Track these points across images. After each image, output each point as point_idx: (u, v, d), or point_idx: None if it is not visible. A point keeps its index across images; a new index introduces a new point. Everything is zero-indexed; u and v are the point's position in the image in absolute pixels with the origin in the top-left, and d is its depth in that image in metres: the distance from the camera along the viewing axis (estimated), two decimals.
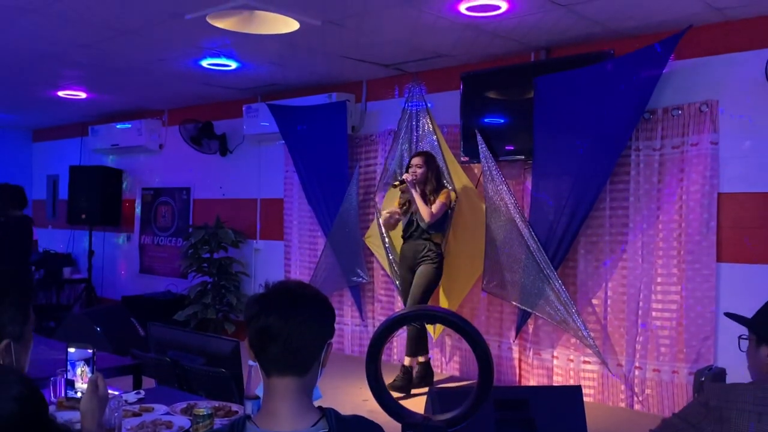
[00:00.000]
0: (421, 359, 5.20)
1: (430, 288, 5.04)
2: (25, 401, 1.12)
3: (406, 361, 5.11)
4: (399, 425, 2.87)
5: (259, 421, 1.47)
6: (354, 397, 4.81)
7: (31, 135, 10.29)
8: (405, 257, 5.19)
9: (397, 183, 5.20)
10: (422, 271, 5.02)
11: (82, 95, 7.33)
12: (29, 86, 6.90)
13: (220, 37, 4.89)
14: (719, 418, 1.89)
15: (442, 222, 5.10)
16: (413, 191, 4.99)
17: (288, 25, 4.50)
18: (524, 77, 5.03)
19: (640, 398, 4.67)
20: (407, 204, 5.16)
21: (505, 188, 4.91)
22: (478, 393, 2.82)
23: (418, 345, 5.14)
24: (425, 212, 4.94)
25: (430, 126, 5.44)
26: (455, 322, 2.99)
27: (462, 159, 5.39)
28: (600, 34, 4.72)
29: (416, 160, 5.09)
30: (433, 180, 5.04)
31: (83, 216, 8.34)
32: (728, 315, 2.14)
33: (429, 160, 5.09)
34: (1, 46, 5.27)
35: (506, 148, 5.18)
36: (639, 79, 4.46)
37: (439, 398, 3.21)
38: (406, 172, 5.08)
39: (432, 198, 5.01)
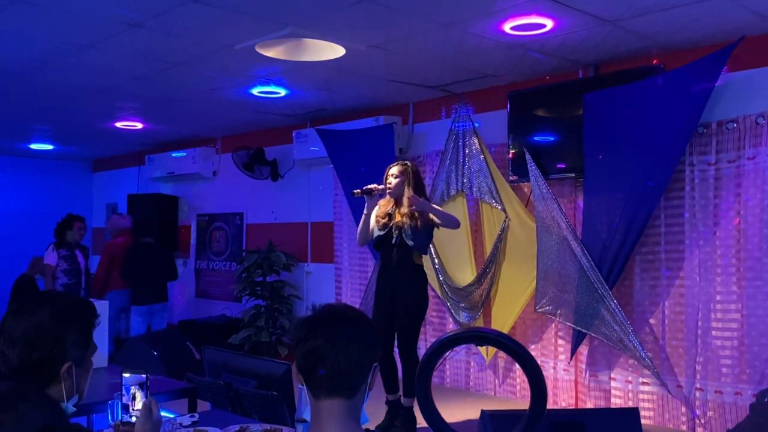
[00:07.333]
0: (389, 398, 4.60)
1: (420, 324, 4.57)
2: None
3: (392, 398, 4.57)
4: None
5: None
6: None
7: (91, 165, 10.67)
8: (386, 282, 4.50)
9: (357, 192, 4.52)
10: (410, 306, 4.44)
11: (139, 126, 7.58)
12: (88, 119, 7.17)
13: (269, 65, 5.00)
14: None
15: (429, 240, 4.54)
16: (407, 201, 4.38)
17: (334, 51, 4.58)
18: (572, 94, 4.98)
19: (702, 421, 4.51)
20: (387, 217, 4.48)
21: (557, 206, 4.85)
22: (531, 416, 2.78)
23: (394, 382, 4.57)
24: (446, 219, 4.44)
25: (478, 146, 5.43)
26: (507, 345, 2.97)
27: (511, 178, 5.35)
28: (649, 49, 4.65)
29: (393, 170, 4.49)
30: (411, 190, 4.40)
31: None
32: None
33: (405, 169, 4.48)
34: (61, 81, 5.51)
35: (556, 166, 5.12)
36: (691, 92, 4.37)
37: (491, 421, 3.16)
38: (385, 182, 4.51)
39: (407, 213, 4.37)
